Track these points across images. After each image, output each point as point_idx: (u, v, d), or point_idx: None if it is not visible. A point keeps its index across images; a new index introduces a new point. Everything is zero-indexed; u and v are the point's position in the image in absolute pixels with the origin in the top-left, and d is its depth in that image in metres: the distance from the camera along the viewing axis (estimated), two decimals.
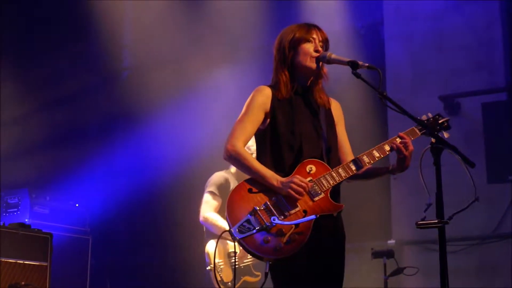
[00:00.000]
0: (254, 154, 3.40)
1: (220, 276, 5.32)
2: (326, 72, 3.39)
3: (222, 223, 5.38)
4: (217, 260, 5.38)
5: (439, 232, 2.91)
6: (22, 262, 5.64)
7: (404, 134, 3.26)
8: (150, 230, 8.36)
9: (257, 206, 3.08)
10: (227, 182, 5.58)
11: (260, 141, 3.35)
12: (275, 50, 3.40)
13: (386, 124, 7.34)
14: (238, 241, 3.03)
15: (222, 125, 4.69)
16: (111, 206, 8.12)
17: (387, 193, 7.41)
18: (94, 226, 7.30)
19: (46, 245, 5.88)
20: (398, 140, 3.24)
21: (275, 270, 3.13)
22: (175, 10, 8.17)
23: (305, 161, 3.20)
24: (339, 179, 3.19)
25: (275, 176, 3.14)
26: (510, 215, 6.80)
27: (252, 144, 3.43)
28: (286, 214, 3.08)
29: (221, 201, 5.55)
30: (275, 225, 3.03)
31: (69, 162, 8.08)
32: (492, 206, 6.76)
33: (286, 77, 3.33)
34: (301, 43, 3.32)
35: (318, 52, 3.31)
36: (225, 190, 5.51)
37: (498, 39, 7.23)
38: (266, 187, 3.13)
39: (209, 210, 5.51)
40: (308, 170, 3.18)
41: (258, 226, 3.04)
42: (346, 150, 3.44)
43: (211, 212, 5.50)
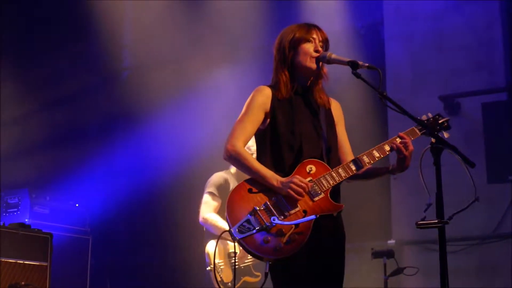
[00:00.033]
0: (255, 155, 3.40)
1: (220, 276, 5.31)
2: (326, 72, 3.39)
3: (222, 224, 5.37)
4: (217, 260, 5.37)
5: (439, 232, 2.91)
6: (22, 262, 5.64)
7: (404, 134, 3.26)
8: (150, 230, 8.36)
9: (257, 206, 3.08)
10: (227, 183, 5.57)
11: (260, 141, 3.35)
12: (275, 50, 3.40)
13: (386, 124, 7.33)
14: (238, 241, 3.03)
15: (222, 125, 4.68)
16: (111, 206, 8.12)
17: (387, 193, 7.41)
18: (94, 226, 7.30)
19: (46, 245, 5.87)
20: (398, 140, 3.24)
21: (275, 270, 3.13)
22: (175, 10, 8.17)
23: (305, 161, 3.20)
24: (339, 179, 3.19)
25: (275, 176, 3.14)
26: (510, 215, 6.80)
27: (252, 144, 3.43)
28: (286, 214, 3.08)
29: (220, 201, 5.54)
30: (275, 225, 3.03)
31: (69, 162, 8.07)
32: (492, 206, 6.76)
33: (286, 77, 3.33)
34: (301, 43, 3.32)
35: (318, 52, 3.31)
36: (224, 190, 5.50)
37: (498, 39, 7.22)
38: (266, 187, 3.13)
39: (208, 211, 5.51)
40: (308, 170, 3.18)
41: (258, 226, 3.04)
42: (346, 150, 3.44)
43: (211, 213, 5.49)
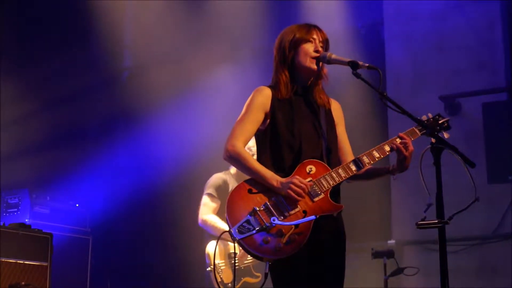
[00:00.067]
0: (256, 156, 3.40)
1: (220, 277, 5.31)
2: (326, 72, 3.39)
3: (221, 225, 5.37)
4: (217, 261, 5.38)
5: (439, 232, 2.91)
6: (22, 262, 5.64)
7: (404, 135, 3.26)
8: (150, 230, 8.35)
9: (257, 207, 3.07)
10: (226, 184, 5.58)
11: (260, 141, 3.35)
12: (275, 50, 3.40)
13: (386, 124, 7.32)
14: (237, 241, 3.03)
15: (223, 125, 4.67)
16: (112, 206, 8.11)
17: (387, 193, 7.40)
18: (95, 226, 7.30)
19: (46, 245, 5.87)
20: (398, 140, 3.24)
21: (275, 271, 3.13)
22: (176, 10, 8.16)
23: (305, 161, 3.20)
24: (339, 180, 3.19)
25: (275, 176, 3.13)
26: (510, 215, 6.79)
27: (253, 145, 3.43)
28: (286, 215, 3.08)
29: (219, 202, 5.55)
30: (275, 225, 3.03)
31: (69, 162, 8.07)
32: (492, 206, 6.75)
33: (286, 77, 3.33)
34: (301, 44, 3.32)
35: (318, 52, 3.31)
36: (223, 191, 5.51)
37: (499, 39, 7.21)
38: (266, 188, 3.13)
39: (207, 212, 5.52)
40: (308, 171, 3.18)
41: (258, 227, 3.03)
42: (346, 150, 3.44)
43: (210, 214, 5.50)
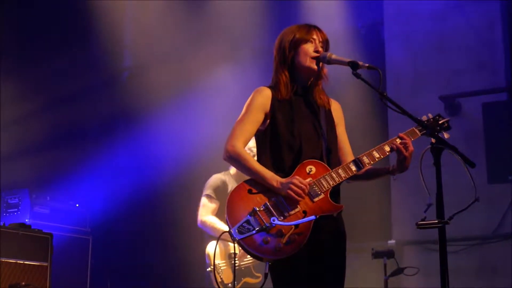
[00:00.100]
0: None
1: (220, 277, 5.31)
2: (326, 73, 3.39)
3: (220, 225, 5.39)
4: (218, 261, 5.38)
5: (439, 232, 2.91)
6: (22, 262, 5.64)
7: (404, 135, 3.26)
8: (150, 230, 8.35)
9: (256, 207, 3.07)
10: (224, 184, 5.58)
11: (260, 141, 3.35)
12: (275, 51, 3.40)
13: (387, 124, 7.32)
14: (237, 241, 3.03)
15: (223, 125, 4.67)
16: (112, 206, 8.11)
17: (387, 193, 7.40)
18: (95, 226, 7.30)
19: (47, 245, 5.87)
20: (398, 140, 3.24)
21: (275, 271, 3.13)
22: (176, 10, 8.16)
23: (305, 161, 3.20)
24: (339, 180, 3.19)
25: (275, 177, 3.13)
26: (510, 215, 6.79)
27: (253, 145, 3.43)
28: (286, 215, 3.08)
29: (218, 203, 5.56)
30: (275, 225, 3.03)
31: (69, 162, 8.07)
32: (492, 206, 6.75)
33: (286, 77, 3.33)
34: (301, 44, 3.32)
35: (318, 52, 3.31)
36: (222, 192, 5.52)
37: (499, 39, 7.21)
38: (265, 188, 3.13)
39: (206, 213, 5.53)
40: (308, 171, 3.18)
41: (257, 227, 3.03)
42: (346, 151, 3.43)
43: (209, 215, 5.51)
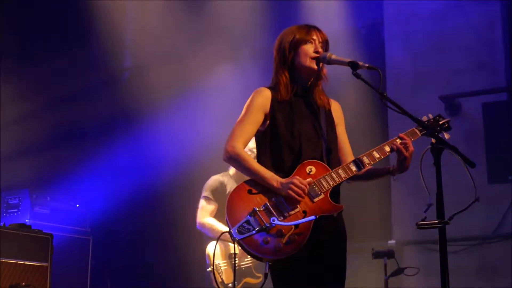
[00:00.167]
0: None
1: (221, 277, 5.32)
2: (326, 73, 3.39)
3: (219, 226, 5.41)
4: (218, 261, 5.38)
5: (440, 232, 2.91)
6: (22, 262, 5.64)
7: (404, 135, 3.26)
8: (150, 231, 8.35)
9: (256, 207, 3.07)
10: (222, 186, 5.61)
11: (260, 142, 3.35)
12: (275, 51, 3.40)
13: (387, 124, 7.32)
14: (237, 241, 3.03)
15: (223, 125, 4.67)
16: (112, 206, 8.11)
17: (388, 193, 7.40)
18: (95, 227, 7.30)
19: (47, 245, 5.87)
20: (398, 141, 3.24)
21: (275, 271, 3.13)
22: (176, 10, 8.16)
23: (305, 162, 3.20)
24: (339, 180, 3.19)
25: (275, 177, 3.13)
26: (510, 215, 6.79)
27: (254, 146, 3.43)
28: (286, 215, 3.08)
29: (216, 205, 5.58)
30: (275, 225, 3.03)
31: (69, 163, 8.07)
32: (492, 206, 6.75)
33: (286, 78, 3.33)
34: (301, 44, 3.32)
35: (318, 53, 3.31)
36: (220, 193, 5.55)
37: (499, 39, 7.21)
38: (265, 188, 3.13)
39: (204, 215, 5.56)
40: (308, 171, 3.18)
41: (257, 227, 3.03)
42: (346, 151, 3.43)
43: (207, 217, 5.53)
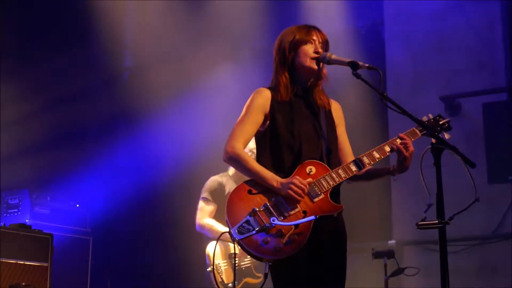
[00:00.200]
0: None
1: (221, 277, 5.32)
2: (326, 73, 3.39)
3: (218, 227, 5.43)
4: (218, 261, 5.38)
5: (440, 232, 2.91)
6: (22, 262, 5.64)
7: (404, 135, 3.26)
8: (150, 231, 8.35)
9: (256, 207, 3.07)
10: (221, 186, 5.63)
11: (260, 142, 3.35)
12: (275, 52, 3.40)
13: (387, 124, 7.32)
14: (237, 242, 3.03)
15: (223, 125, 4.68)
16: (112, 206, 8.11)
17: (388, 193, 7.40)
18: (95, 227, 7.30)
19: (47, 245, 5.86)
20: (398, 141, 3.24)
21: (275, 271, 3.13)
22: (176, 10, 8.16)
23: (305, 162, 3.20)
24: (339, 180, 3.19)
25: (275, 177, 3.13)
26: (510, 215, 6.79)
27: (254, 147, 3.44)
28: (286, 215, 3.08)
29: (215, 206, 5.60)
30: (275, 225, 3.03)
31: (69, 163, 8.07)
32: (492, 206, 6.75)
33: (286, 78, 3.33)
34: (301, 45, 3.32)
35: (318, 53, 3.31)
36: (219, 194, 5.57)
37: (499, 39, 7.21)
38: (265, 188, 3.13)
39: (203, 216, 5.57)
40: (308, 171, 3.18)
41: (257, 227, 3.03)
42: (346, 151, 3.43)
43: (206, 218, 5.55)
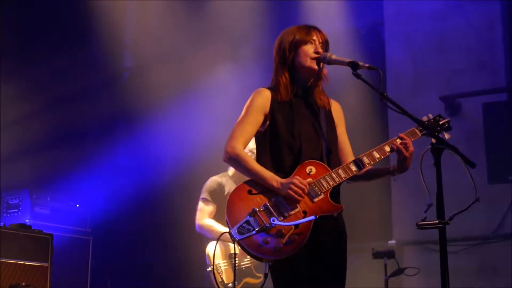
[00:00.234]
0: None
1: (221, 277, 5.33)
2: (326, 73, 3.39)
3: (218, 227, 5.44)
4: (219, 261, 5.39)
5: (440, 232, 2.91)
6: (22, 263, 5.63)
7: (404, 135, 3.26)
8: (150, 231, 8.35)
9: (256, 207, 3.07)
10: (220, 187, 5.64)
11: (260, 143, 3.35)
12: (275, 52, 3.39)
13: (387, 124, 7.32)
14: (237, 242, 3.03)
15: (223, 125, 4.68)
16: (112, 206, 8.10)
17: (388, 193, 7.40)
18: (95, 227, 7.29)
19: (47, 245, 5.86)
20: (399, 141, 3.24)
21: (275, 271, 3.13)
22: (176, 10, 8.16)
23: (305, 162, 3.20)
24: (339, 180, 3.19)
25: (275, 177, 3.13)
26: (510, 216, 6.79)
27: (254, 147, 3.44)
28: (286, 215, 3.08)
29: (215, 206, 5.61)
30: (275, 226, 3.03)
31: (69, 163, 8.06)
32: (492, 206, 6.75)
33: (286, 79, 3.33)
34: (301, 45, 3.32)
35: (318, 53, 3.31)
36: (218, 195, 5.58)
37: (499, 39, 7.21)
38: (265, 189, 3.13)
39: (203, 217, 5.59)
40: (308, 171, 3.18)
41: (257, 227, 3.03)
42: (346, 151, 3.43)
43: (206, 218, 5.56)
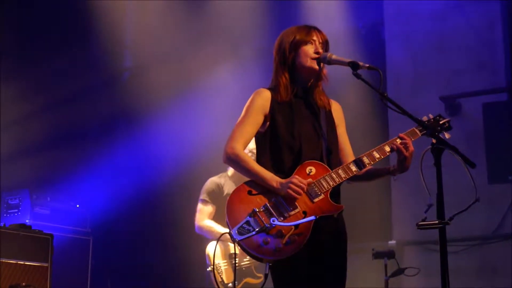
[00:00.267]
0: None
1: (221, 277, 5.33)
2: (326, 73, 3.39)
3: (218, 228, 5.46)
4: (219, 261, 5.39)
5: (440, 232, 2.91)
6: (22, 263, 5.63)
7: (404, 135, 3.26)
8: (150, 231, 8.35)
9: (256, 208, 3.07)
10: (219, 187, 5.66)
11: (259, 143, 3.35)
12: (275, 52, 3.39)
13: (387, 124, 7.32)
14: (237, 242, 3.03)
15: (223, 125, 4.68)
16: (112, 206, 8.10)
17: (388, 193, 7.40)
18: (95, 227, 7.29)
19: (47, 246, 5.86)
20: (399, 141, 3.24)
21: (276, 272, 3.13)
22: (176, 10, 8.16)
23: (305, 162, 3.20)
24: (339, 180, 3.19)
25: (275, 177, 3.13)
26: (510, 216, 6.79)
27: (254, 147, 3.44)
28: (286, 215, 3.08)
29: (214, 207, 5.64)
30: (275, 226, 3.03)
31: (69, 163, 8.07)
32: (492, 206, 6.75)
33: (286, 79, 3.33)
34: (301, 45, 3.32)
35: (318, 53, 3.31)
36: (217, 195, 5.60)
37: (499, 39, 7.21)
38: (265, 189, 3.13)
39: (202, 218, 5.62)
40: (308, 172, 3.18)
41: (257, 228, 3.03)
42: (347, 151, 3.43)
43: (205, 219, 5.58)
